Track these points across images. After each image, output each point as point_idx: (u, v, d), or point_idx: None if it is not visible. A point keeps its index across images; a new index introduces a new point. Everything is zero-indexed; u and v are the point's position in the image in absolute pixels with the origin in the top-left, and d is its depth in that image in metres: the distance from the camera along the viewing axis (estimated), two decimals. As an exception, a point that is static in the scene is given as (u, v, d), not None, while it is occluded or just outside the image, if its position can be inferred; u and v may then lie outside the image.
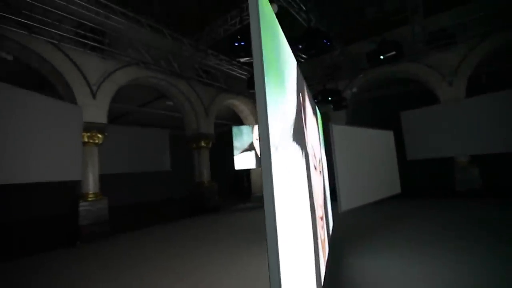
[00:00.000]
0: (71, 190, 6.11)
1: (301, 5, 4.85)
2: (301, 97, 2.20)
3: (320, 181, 3.08)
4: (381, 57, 4.78)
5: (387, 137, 6.43)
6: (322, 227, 2.64)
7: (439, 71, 7.94)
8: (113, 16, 5.72)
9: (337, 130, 4.71)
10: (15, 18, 4.77)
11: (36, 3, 4.85)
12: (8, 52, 5.24)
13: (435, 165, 9.11)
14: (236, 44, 3.53)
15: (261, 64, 0.93)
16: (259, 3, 1.02)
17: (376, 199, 5.42)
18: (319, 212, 2.54)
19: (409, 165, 8.36)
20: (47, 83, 6.31)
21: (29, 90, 4.63)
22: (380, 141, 6.10)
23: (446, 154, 7.91)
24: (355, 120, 9.23)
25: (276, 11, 4.12)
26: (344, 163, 4.61)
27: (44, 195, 9.54)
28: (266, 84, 0.94)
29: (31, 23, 4.96)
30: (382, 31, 6.52)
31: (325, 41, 3.64)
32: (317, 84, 7.74)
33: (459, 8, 7.04)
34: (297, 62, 2.21)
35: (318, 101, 6.30)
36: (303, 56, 3.94)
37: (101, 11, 5.53)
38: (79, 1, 5.19)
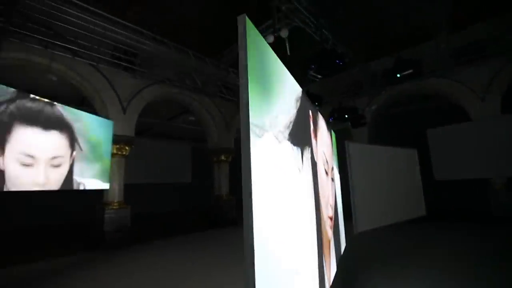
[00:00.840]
0: (95, 198, 6.56)
1: (315, 23, 4.96)
2: (308, 113, 2.31)
3: (331, 186, 3.18)
4: (398, 75, 4.68)
5: (410, 155, 6.15)
6: (331, 227, 2.75)
7: (470, 86, 7.50)
8: (143, 40, 6.32)
9: (354, 148, 4.64)
10: (62, 44, 5.47)
11: (80, 31, 5.53)
12: (54, 74, 5.97)
13: (467, 186, 8.42)
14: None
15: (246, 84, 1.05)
16: (248, 32, 1.16)
17: (396, 221, 5.15)
18: (329, 211, 2.64)
19: (437, 186, 7.84)
20: (86, 100, 7.04)
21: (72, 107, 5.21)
22: (402, 160, 5.85)
23: (479, 176, 7.30)
24: (377, 137, 8.94)
25: (286, 36, 4.27)
26: (361, 181, 4.50)
27: (71, 202, 10.20)
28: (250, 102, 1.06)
29: (76, 48, 5.64)
30: (405, 47, 6.40)
31: (337, 61, 3.69)
32: (334, 101, 7.67)
33: (491, 21, 6.72)
34: (311, 82, 2.33)
35: (335, 118, 6.24)
36: (318, 76, 4.00)
37: (134, 36, 6.13)
38: (115, 28, 5.82)
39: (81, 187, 5.18)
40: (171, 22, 6.14)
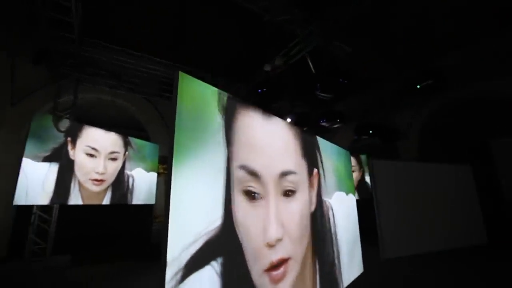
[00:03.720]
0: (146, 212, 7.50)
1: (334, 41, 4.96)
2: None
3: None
4: (418, 86, 4.24)
5: (461, 173, 5.35)
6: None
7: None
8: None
9: (380, 165, 4.37)
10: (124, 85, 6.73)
11: (137, 72, 6.70)
12: (116, 107, 7.31)
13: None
14: (259, 91, 3.99)
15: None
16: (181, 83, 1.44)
17: (441, 248, 4.49)
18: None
19: (508, 208, 6.49)
20: (142, 128, 8.34)
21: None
22: (449, 177, 5.14)
23: None
24: (424, 152, 7.99)
25: (281, 64, 4.40)
26: (389, 201, 4.18)
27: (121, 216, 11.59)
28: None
29: (131, 87, 6.86)
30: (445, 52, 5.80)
31: (341, 80, 3.63)
32: (366, 117, 7.21)
33: None
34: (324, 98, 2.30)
35: (365, 135, 5.86)
36: (325, 95, 3.96)
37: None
38: (163, 69, 6.88)
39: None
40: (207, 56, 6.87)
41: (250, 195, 1.80)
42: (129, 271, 5.31)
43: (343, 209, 3.37)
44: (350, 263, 3.32)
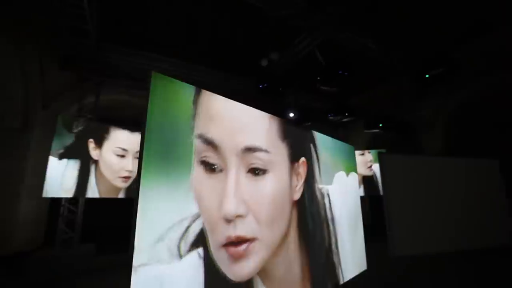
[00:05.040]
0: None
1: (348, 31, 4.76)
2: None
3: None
4: (427, 75, 3.90)
5: (487, 167, 4.92)
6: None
7: None
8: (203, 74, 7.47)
9: (390, 159, 4.19)
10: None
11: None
12: (134, 107, 7.73)
13: None
14: (260, 86, 3.98)
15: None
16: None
17: (460, 248, 4.20)
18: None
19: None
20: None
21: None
22: (472, 172, 4.75)
23: None
24: (450, 146, 7.42)
25: (276, 58, 4.30)
26: (399, 196, 4.00)
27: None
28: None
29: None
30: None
31: (340, 71, 3.48)
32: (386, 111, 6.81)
33: None
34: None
35: (375, 129, 5.57)
36: (327, 88, 3.82)
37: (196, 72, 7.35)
38: (173, 68, 7.15)
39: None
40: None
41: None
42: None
43: (344, 198, 3.32)
44: (353, 253, 3.27)
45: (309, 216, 2.55)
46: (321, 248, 2.66)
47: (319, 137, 3.01)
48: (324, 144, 3.10)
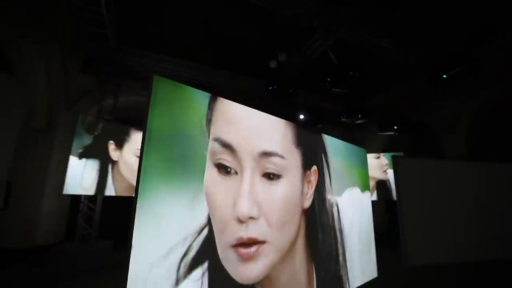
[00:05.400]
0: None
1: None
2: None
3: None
4: (444, 76, 3.69)
5: (511, 174, 4.61)
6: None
7: None
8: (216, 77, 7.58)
9: (404, 162, 4.03)
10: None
11: (169, 74, 7.24)
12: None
13: None
14: (270, 88, 3.95)
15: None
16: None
17: (480, 259, 3.96)
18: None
19: None
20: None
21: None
22: (494, 179, 4.47)
23: None
24: (472, 149, 7.03)
25: (284, 59, 4.22)
26: (413, 201, 3.84)
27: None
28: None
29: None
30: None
31: (351, 73, 3.38)
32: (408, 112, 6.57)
33: None
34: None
35: (389, 131, 5.36)
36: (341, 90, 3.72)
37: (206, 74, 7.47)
38: (189, 70, 7.29)
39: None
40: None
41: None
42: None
43: (355, 209, 3.23)
44: (362, 263, 3.17)
45: (318, 224, 2.51)
46: (329, 258, 2.60)
47: (329, 142, 2.93)
48: (335, 148, 3.03)
